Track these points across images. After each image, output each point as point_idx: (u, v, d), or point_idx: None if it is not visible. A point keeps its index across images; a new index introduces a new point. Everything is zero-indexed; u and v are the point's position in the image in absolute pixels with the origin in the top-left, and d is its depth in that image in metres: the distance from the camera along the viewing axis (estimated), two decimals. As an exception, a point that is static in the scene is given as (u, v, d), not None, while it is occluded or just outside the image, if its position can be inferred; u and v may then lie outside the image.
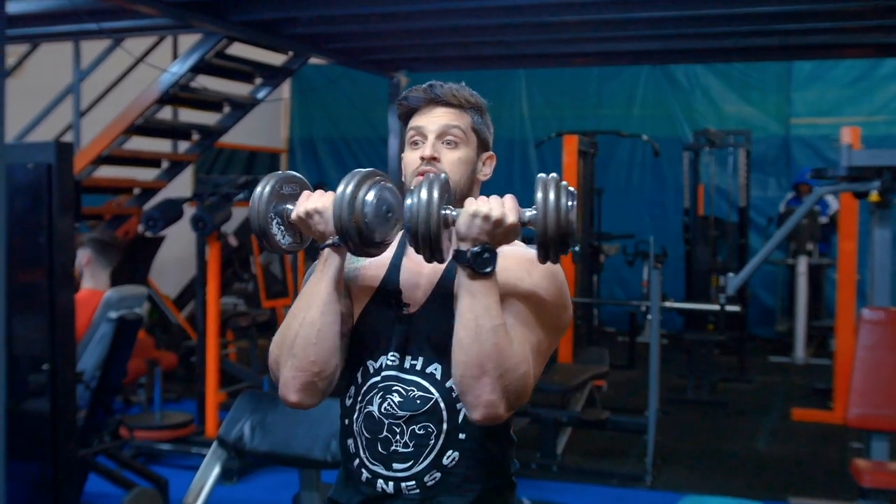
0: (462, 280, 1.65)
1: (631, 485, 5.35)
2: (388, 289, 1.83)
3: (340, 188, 1.71)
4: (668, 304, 6.55)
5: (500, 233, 1.63)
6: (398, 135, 1.80)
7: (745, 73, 10.52)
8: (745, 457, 6.02)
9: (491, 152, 1.91)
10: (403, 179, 1.87)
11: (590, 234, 8.01)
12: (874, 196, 4.99)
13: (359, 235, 1.70)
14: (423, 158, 1.81)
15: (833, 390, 6.89)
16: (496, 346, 1.63)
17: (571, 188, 1.64)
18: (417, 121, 1.85)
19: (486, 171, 1.89)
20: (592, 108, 10.97)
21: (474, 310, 1.63)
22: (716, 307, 6.94)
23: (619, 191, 10.28)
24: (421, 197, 1.63)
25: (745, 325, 8.64)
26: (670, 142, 9.86)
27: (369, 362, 1.82)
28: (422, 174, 1.78)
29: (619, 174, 10.67)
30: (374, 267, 1.88)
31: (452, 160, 1.81)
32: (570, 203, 1.62)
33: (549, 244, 1.62)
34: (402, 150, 1.92)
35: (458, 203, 1.76)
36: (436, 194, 1.63)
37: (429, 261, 1.67)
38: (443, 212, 1.64)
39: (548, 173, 1.66)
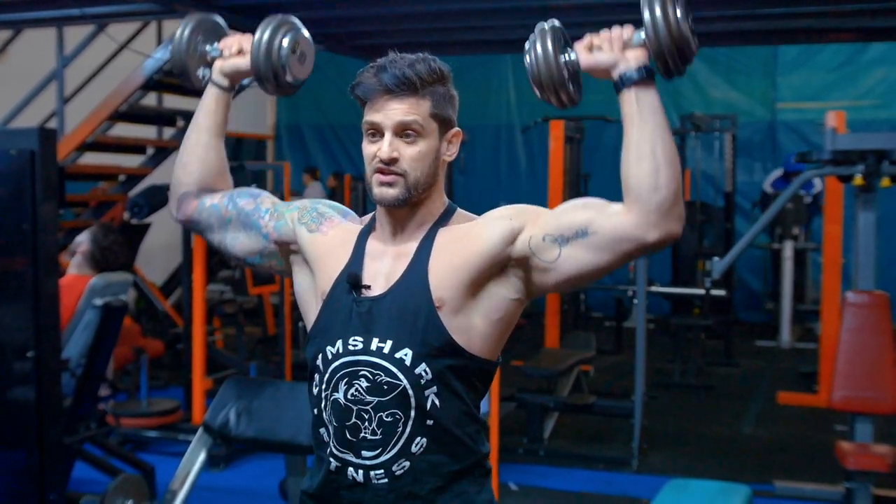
0: (642, 96, 1.68)
1: (617, 468, 5.37)
2: (349, 273, 1.79)
3: (258, 34, 1.89)
4: (654, 288, 6.57)
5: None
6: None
7: (731, 58, 10.52)
8: (731, 440, 6.05)
9: (455, 129, 1.82)
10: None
11: (576, 219, 8.01)
12: (858, 180, 5.00)
13: (275, 78, 1.91)
14: (379, 159, 1.74)
15: (818, 373, 6.93)
16: (674, 152, 1.70)
17: None
18: (371, 115, 1.75)
19: (451, 151, 1.82)
20: (579, 93, 10.93)
21: (664, 124, 1.69)
22: (702, 291, 6.96)
23: (607, 176, 10.11)
24: (537, 51, 1.68)
25: (731, 309, 8.66)
26: (657, 127, 9.84)
27: (328, 348, 1.78)
28: (380, 171, 1.75)
29: (606, 159, 10.61)
30: (345, 231, 1.86)
31: (412, 155, 1.74)
32: (679, 11, 1.63)
33: (667, 56, 1.63)
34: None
35: (422, 195, 1.78)
36: (549, 45, 1.68)
37: (562, 106, 1.73)
38: (562, 58, 1.69)
39: (534, 160, 1.67)
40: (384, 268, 1.79)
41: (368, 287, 1.77)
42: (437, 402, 1.73)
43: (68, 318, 4.40)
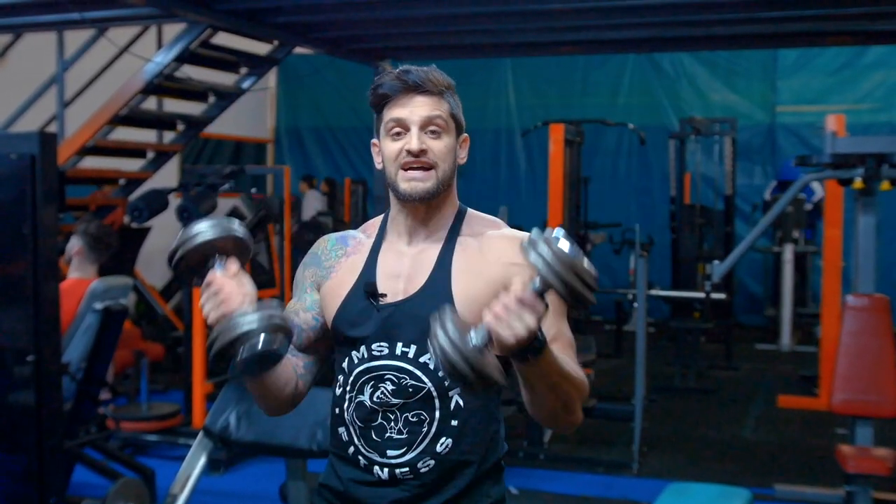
0: (521, 368, 1.61)
1: (618, 472, 5.37)
2: (364, 281, 1.83)
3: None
4: (654, 292, 6.56)
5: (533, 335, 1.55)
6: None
7: (731, 61, 10.53)
8: (732, 443, 6.04)
9: (465, 134, 1.86)
10: (379, 167, 1.84)
11: (576, 223, 8.02)
12: (858, 183, 5.00)
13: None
14: (409, 152, 1.76)
15: (819, 377, 6.92)
16: (570, 394, 1.69)
17: (557, 232, 1.53)
18: (397, 112, 1.78)
19: (462, 155, 1.86)
20: (578, 97, 10.97)
21: (544, 384, 1.64)
22: (702, 295, 6.96)
23: (606, 179, 10.29)
24: (445, 350, 1.51)
25: (731, 312, 8.67)
26: (656, 130, 9.87)
27: (353, 353, 1.82)
28: (408, 166, 1.76)
29: (606, 163, 10.67)
30: (350, 260, 1.88)
31: (440, 149, 1.78)
32: (566, 248, 1.50)
33: (572, 296, 1.51)
34: (376, 136, 1.85)
35: (445, 190, 1.78)
36: (458, 338, 1.51)
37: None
38: (473, 345, 1.52)
39: (534, 164, 1.66)
40: (403, 273, 1.82)
41: (385, 295, 1.80)
42: (461, 402, 1.77)
43: (69, 322, 4.40)
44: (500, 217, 1.93)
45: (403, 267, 1.82)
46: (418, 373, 1.77)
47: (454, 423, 1.77)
